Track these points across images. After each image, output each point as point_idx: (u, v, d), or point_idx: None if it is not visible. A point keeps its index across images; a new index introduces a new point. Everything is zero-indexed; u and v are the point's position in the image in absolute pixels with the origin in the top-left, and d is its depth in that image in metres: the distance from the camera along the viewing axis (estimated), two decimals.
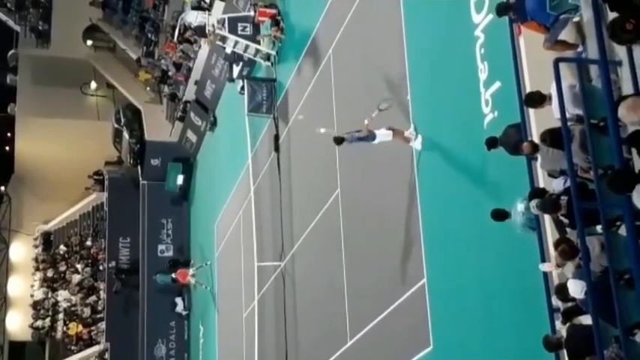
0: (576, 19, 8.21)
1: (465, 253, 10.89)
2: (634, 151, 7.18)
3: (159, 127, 29.92)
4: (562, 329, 8.00)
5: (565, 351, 7.84)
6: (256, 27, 20.09)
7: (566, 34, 8.37)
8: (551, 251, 8.33)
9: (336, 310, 15.06)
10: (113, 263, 30.23)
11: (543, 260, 8.44)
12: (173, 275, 26.12)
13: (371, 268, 13.97)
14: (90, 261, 33.25)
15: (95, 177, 34.02)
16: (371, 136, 12.25)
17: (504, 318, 9.84)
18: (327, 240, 16.00)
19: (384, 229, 13.51)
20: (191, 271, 25.60)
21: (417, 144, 12.29)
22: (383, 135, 12.25)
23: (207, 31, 21.60)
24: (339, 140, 12.72)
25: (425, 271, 11.86)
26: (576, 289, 7.50)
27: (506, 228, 8.88)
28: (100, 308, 31.68)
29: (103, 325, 30.63)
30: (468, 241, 10.81)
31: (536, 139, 8.43)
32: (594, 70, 8.02)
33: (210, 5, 22.82)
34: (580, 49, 8.35)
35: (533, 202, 7.96)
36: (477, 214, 10.09)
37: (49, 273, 35.58)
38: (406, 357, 12.20)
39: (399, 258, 12.86)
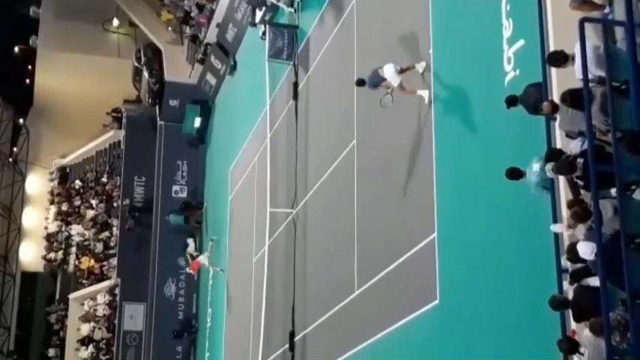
0: None
1: (477, 210, 10.89)
2: None
3: (179, 68, 29.84)
4: (569, 290, 8.02)
5: (570, 311, 7.88)
6: None
7: None
8: (564, 212, 8.32)
9: (345, 259, 15.14)
10: (127, 201, 30.44)
11: (555, 221, 8.43)
12: (186, 259, 26.29)
13: (382, 220, 14.01)
14: (104, 197, 33.50)
15: (113, 114, 34.11)
16: (382, 76, 12.65)
17: (513, 276, 9.86)
18: (340, 190, 16.03)
19: (398, 182, 13.50)
20: (202, 258, 25.65)
21: (424, 95, 12.39)
22: (393, 78, 12.54)
23: None
24: (360, 82, 13.40)
25: (436, 225, 11.87)
26: (586, 250, 7.50)
27: (520, 187, 8.86)
28: (112, 244, 32.00)
29: (114, 261, 30.97)
30: (481, 198, 10.79)
31: (556, 99, 8.35)
32: (619, 32, 7.91)
33: None
34: (607, 10, 8.22)
35: (549, 166, 7.93)
36: (492, 172, 10.06)
37: (64, 207, 35.89)
38: (412, 309, 12.29)
39: (411, 212, 12.89)
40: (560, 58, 8.13)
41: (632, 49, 7.36)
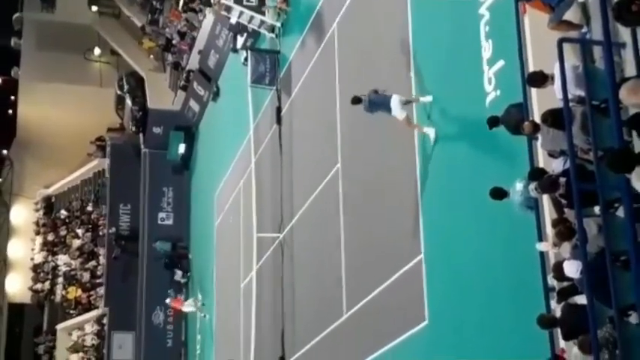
0: None
1: (463, 230, 10.91)
2: (634, 133, 7.17)
3: (162, 96, 29.87)
4: (557, 308, 8.04)
5: (559, 329, 7.89)
6: None
7: (571, 15, 8.33)
8: (549, 231, 8.35)
9: (333, 283, 15.11)
10: (113, 229, 30.28)
11: (540, 239, 8.45)
12: (167, 300, 26.35)
13: (369, 242, 14.00)
14: (90, 226, 33.34)
15: (97, 143, 34.03)
16: (387, 105, 11.97)
17: (501, 295, 9.87)
18: (326, 213, 16.02)
19: (383, 204, 13.52)
20: (185, 305, 25.75)
21: (430, 132, 12.12)
22: (398, 111, 11.93)
23: (212, 1, 21.46)
24: (356, 100, 12.52)
25: (422, 246, 11.88)
26: (572, 268, 7.53)
27: (504, 207, 8.88)
28: (99, 273, 31.81)
29: (101, 290, 30.75)
30: (467, 218, 10.81)
31: (537, 119, 8.41)
32: (598, 52, 7.98)
33: None
34: (584, 29, 8.30)
35: (532, 185, 7.96)
36: (476, 193, 10.08)
37: (50, 237, 35.70)
38: (401, 331, 12.26)
39: (398, 233, 12.89)
40: (539, 79, 8.20)
41: (611, 67, 7.41)
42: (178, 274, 27.31)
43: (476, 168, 10.72)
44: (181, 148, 28.78)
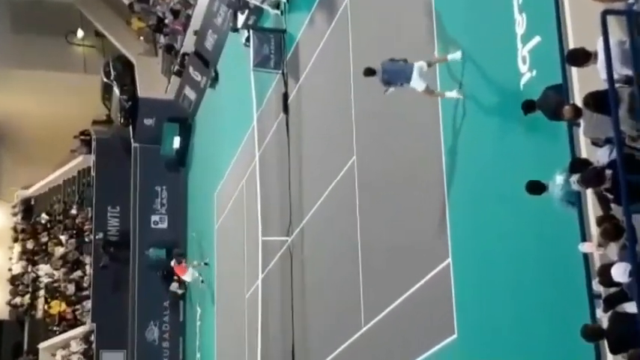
0: None
1: (495, 230, 10.89)
2: None
3: (153, 83, 29.93)
4: (603, 317, 8.01)
5: (606, 342, 7.86)
6: None
7: None
8: (593, 229, 8.32)
9: (349, 292, 15.12)
10: (101, 235, 30.39)
11: (584, 240, 8.44)
12: (172, 263, 26.33)
13: (389, 246, 14.00)
14: (75, 232, 33.41)
15: (81, 137, 34.12)
16: (406, 71, 11.88)
17: (538, 303, 9.84)
18: (340, 213, 16.03)
19: (405, 203, 13.51)
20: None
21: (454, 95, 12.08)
22: (417, 82, 11.82)
23: None
24: (369, 71, 12.30)
25: (450, 249, 11.87)
26: (620, 271, 7.49)
27: (543, 202, 8.86)
28: (85, 285, 31.88)
29: (88, 304, 30.84)
30: (499, 217, 10.80)
31: (579, 102, 8.38)
32: None
33: None
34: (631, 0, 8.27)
35: (574, 177, 7.93)
36: (510, 187, 10.06)
37: (29, 244, 35.80)
38: (427, 345, 12.27)
39: (421, 235, 12.88)
40: (580, 57, 8.16)
41: None
42: (174, 285, 27.38)
43: (509, 159, 10.69)
44: (176, 142, 28.85)
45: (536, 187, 8.74)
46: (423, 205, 12.93)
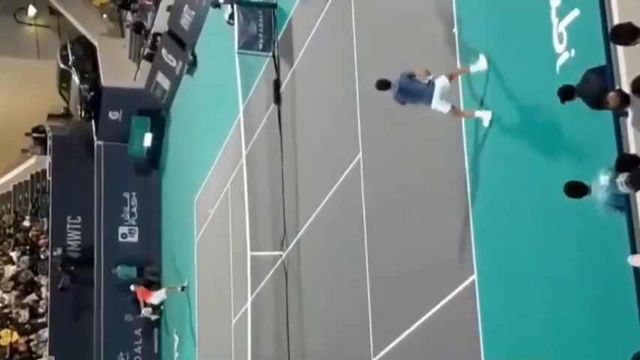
0: None
1: (527, 241, 10.90)
2: None
3: (119, 69, 29.99)
4: None
5: None
6: None
7: None
8: None
9: (355, 316, 15.14)
10: (59, 251, 30.47)
11: (634, 251, 8.45)
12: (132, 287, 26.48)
13: (402, 260, 14.02)
14: (28, 247, 33.45)
15: (35, 135, 34.18)
16: (427, 92, 11.84)
17: (578, 326, 9.85)
18: (344, 223, 16.05)
19: (421, 209, 13.53)
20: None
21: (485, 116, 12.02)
22: (439, 103, 11.68)
23: None
24: (383, 84, 12.15)
25: (475, 264, 11.89)
26: None
27: (584, 207, 8.87)
28: (41, 311, 31.91)
29: (45, 334, 30.87)
30: (532, 225, 10.80)
31: (626, 87, 8.38)
32: None
33: None
34: None
35: (621, 178, 7.94)
36: (545, 189, 10.09)
37: None
38: None
39: (440, 247, 12.90)
40: (627, 33, 8.17)
41: None
42: (147, 310, 27.38)
43: (543, 157, 10.70)
44: (147, 140, 28.90)
45: (577, 190, 8.73)
46: (442, 212, 12.94)
